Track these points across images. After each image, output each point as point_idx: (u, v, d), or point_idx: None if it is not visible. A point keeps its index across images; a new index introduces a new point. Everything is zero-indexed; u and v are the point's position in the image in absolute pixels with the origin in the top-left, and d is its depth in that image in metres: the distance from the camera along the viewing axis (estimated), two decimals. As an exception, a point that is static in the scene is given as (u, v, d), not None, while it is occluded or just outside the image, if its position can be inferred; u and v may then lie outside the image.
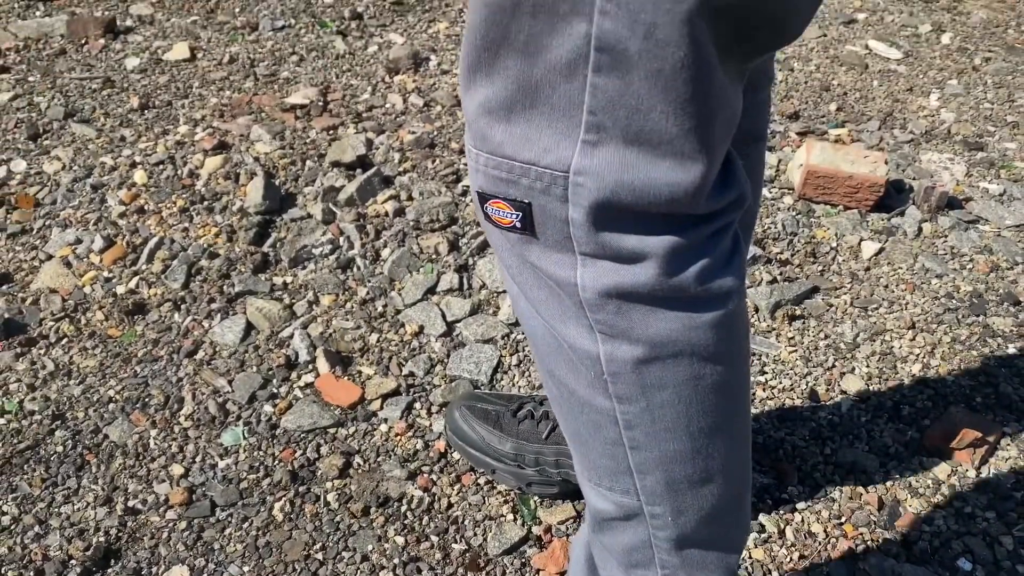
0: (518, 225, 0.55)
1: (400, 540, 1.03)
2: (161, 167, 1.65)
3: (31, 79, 1.96)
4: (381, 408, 1.20)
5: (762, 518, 1.07)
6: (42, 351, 1.29)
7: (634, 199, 0.51)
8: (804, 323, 1.36)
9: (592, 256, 0.54)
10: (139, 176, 1.62)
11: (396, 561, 1.01)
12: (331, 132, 1.76)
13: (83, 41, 2.12)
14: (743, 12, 0.46)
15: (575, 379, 0.60)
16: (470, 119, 0.54)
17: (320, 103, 1.85)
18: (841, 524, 1.07)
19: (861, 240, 1.53)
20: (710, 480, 0.63)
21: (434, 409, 1.20)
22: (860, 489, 1.11)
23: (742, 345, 0.60)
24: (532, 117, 0.51)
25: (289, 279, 1.42)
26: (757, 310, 1.38)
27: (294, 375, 1.25)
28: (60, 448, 1.14)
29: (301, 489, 1.09)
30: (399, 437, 1.16)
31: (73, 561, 1.00)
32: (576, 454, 0.68)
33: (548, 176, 0.52)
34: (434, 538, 1.04)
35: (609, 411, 0.60)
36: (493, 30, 0.49)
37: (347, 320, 1.34)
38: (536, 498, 1.08)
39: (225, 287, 1.39)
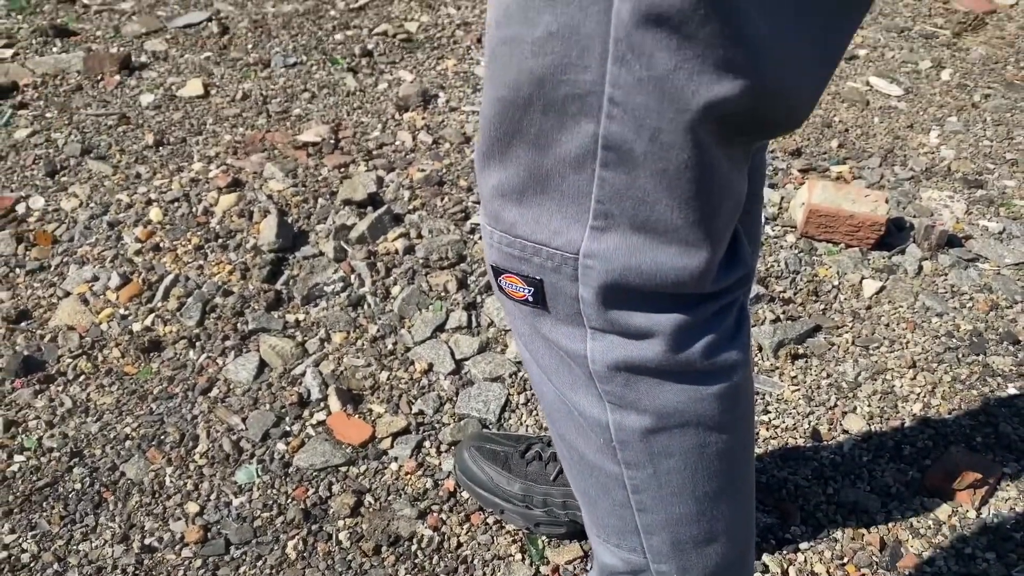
0: (530, 299, 0.58)
1: (411, 579, 1.06)
2: (176, 204, 1.68)
3: (48, 115, 2.01)
4: (391, 446, 1.23)
5: (765, 558, 1.09)
6: (60, 388, 1.32)
7: (642, 281, 0.53)
8: (807, 362, 1.39)
9: (602, 331, 0.57)
10: (155, 213, 1.65)
11: (407, 600, 1.03)
12: (342, 170, 1.80)
13: (99, 77, 2.17)
14: (745, 117, 0.49)
15: (585, 444, 0.63)
16: (485, 199, 0.57)
17: (331, 140, 1.89)
18: (843, 564, 1.09)
19: (862, 278, 1.56)
20: (715, 540, 0.66)
21: (443, 448, 1.23)
22: (862, 529, 1.13)
23: (747, 413, 0.63)
24: (543, 202, 0.54)
25: (301, 316, 1.45)
26: (760, 349, 1.40)
27: (306, 413, 1.28)
28: (78, 485, 1.17)
29: (314, 528, 1.12)
30: (409, 476, 1.19)
31: (91, 599, 1.03)
32: (585, 511, 0.70)
33: (559, 257, 0.54)
34: (444, 577, 1.06)
35: (617, 475, 0.62)
36: (506, 123, 0.52)
37: (358, 358, 1.37)
38: (544, 538, 1.10)
39: (239, 324, 1.42)
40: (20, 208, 1.69)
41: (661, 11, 0.44)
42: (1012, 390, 1.35)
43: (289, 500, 1.15)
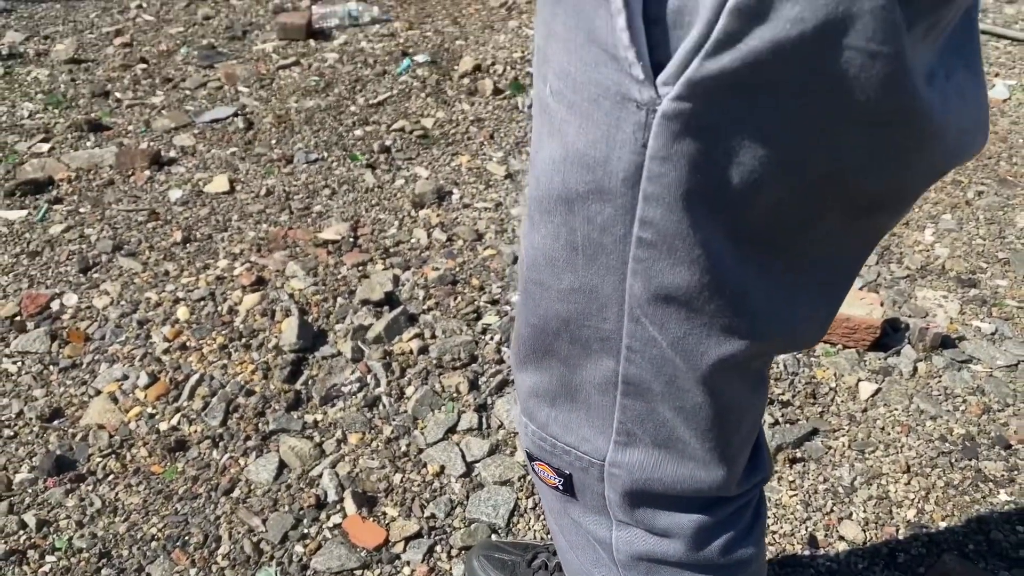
0: (560, 488, 0.64)
1: None
2: (202, 303, 1.77)
3: (82, 210, 2.12)
4: (404, 550, 1.28)
5: (763, 668, 1.13)
6: (90, 487, 1.38)
7: (664, 489, 0.59)
8: (804, 466, 1.44)
9: (626, 524, 0.63)
10: (182, 312, 1.74)
11: None
12: (361, 268, 1.88)
13: (130, 172, 2.28)
14: (754, 358, 0.55)
15: None
16: (521, 396, 0.64)
17: (351, 238, 1.99)
18: (839, 675, 1.12)
19: (859, 380, 1.62)
20: None
21: (454, 552, 1.28)
22: (857, 640, 1.17)
23: None
24: (573, 409, 0.60)
25: (319, 416, 1.51)
26: (759, 453, 1.46)
27: (323, 515, 1.34)
28: (106, 587, 1.23)
29: (329, 632, 1.17)
30: (421, 580, 1.24)
31: None
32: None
33: (586, 460, 0.61)
34: None
35: None
36: (539, 342, 0.59)
37: (373, 459, 1.43)
38: (549, 646, 1.15)
39: (260, 425, 1.49)
40: (54, 305, 1.78)
41: (669, 292, 0.49)
42: (1003, 496, 1.39)
43: (306, 604, 1.21)
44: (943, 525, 1.34)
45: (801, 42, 0.38)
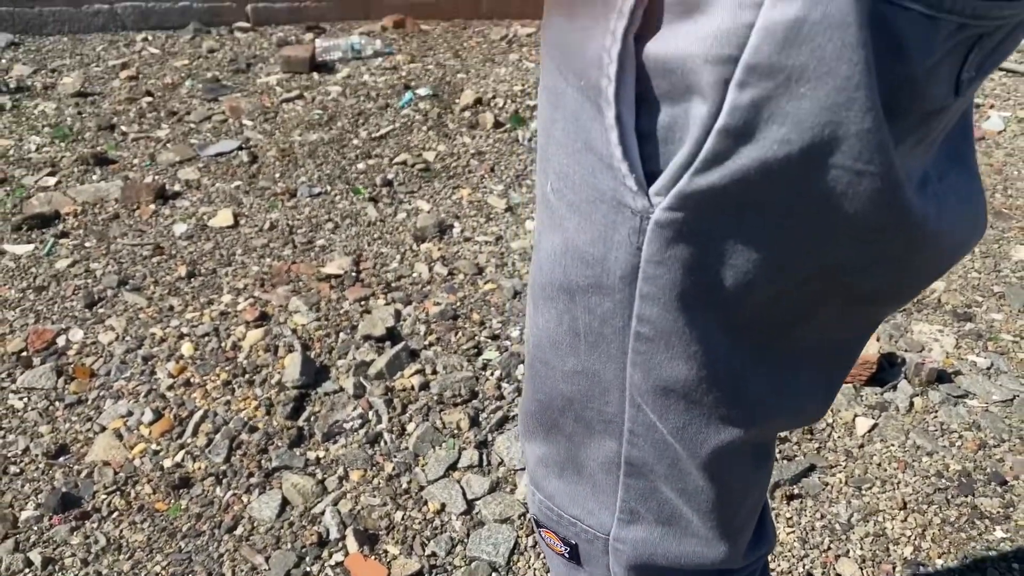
0: (566, 556, 0.65)
1: None
2: (207, 339, 1.79)
3: (88, 244, 2.14)
4: (406, 589, 1.30)
5: None
6: (95, 525, 1.40)
7: (668, 564, 0.61)
8: (802, 503, 1.45)
9: None
10: (186, 348, 1.76)
11: None
12: (363, 303, 1.91)
13: (135, 206, 2.31)
14: (755, 439, 0.56)
15: None
16: (529, 464, 0.66)
17: (353, 273, 2.01)
18: None
19: (855, 416, 1.63)
20: None
21: (455, 591, 1.29)
22: None
23: None
24: (579, 482, 0.62)
25: (321, 453, 1.53)
26: (757, 489, 1.47)
27: (325, 553, 1.35)
28: (110, 626, 1.24)
29: (331, 672, 1.18)
30: (422, 619, 1.25)
31: None
32: None
33: (591, 533, 0.62)
34: None
35: None
36: (545, 417, 0.60)
37: (374, 496, 1.45)
38: None
39: (263, 462, 1.51)
40: (60, 340, 1.80)
41: (667, 384, 0.51)
42: (999, 533, 1.41)
43: (308, 643, 1.22)
44: (939, 563, 1.35)
45: (788, 162, 0.39)
